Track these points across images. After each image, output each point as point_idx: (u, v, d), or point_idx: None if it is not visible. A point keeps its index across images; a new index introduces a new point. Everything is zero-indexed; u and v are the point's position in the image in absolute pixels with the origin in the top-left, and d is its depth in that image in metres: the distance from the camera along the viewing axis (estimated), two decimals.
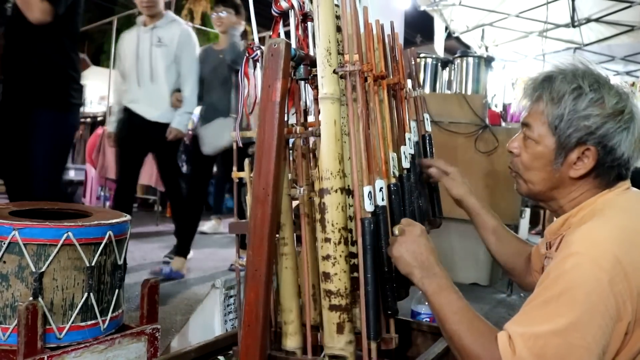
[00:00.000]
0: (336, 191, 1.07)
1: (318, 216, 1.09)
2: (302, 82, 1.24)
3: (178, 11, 12.76)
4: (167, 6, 6.76)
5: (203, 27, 12.47)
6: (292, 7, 1.20)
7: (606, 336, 0.86)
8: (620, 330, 0.88)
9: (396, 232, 1.07)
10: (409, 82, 1.55)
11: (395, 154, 1.31)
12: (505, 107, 4.78)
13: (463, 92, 3.90)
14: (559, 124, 1.00)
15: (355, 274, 1.14)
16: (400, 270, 1.05)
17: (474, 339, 0.92)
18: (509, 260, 1.37)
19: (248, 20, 1.35)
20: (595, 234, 0.92)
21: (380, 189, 1.15)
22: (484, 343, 0.91)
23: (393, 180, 1.28)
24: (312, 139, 1.23)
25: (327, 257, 1.07)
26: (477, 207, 1.41)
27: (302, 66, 1.15)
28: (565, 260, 0.90)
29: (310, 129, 1.18)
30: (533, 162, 1.06)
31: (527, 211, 5.67)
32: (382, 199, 1.16)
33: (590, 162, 1.00)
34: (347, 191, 1.16)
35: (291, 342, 1.20)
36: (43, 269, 1.31)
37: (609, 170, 1.01)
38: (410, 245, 1.04)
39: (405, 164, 1.36)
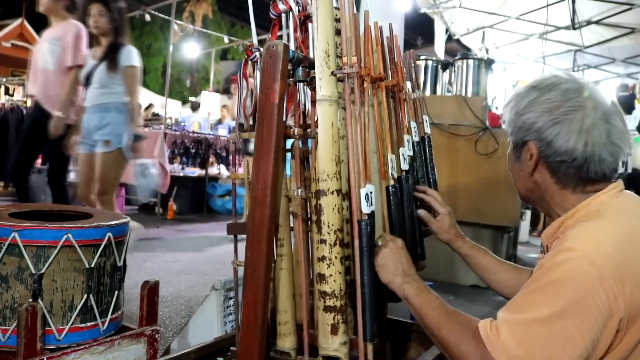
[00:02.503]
0: (332, 193, 1.07)
1: (314, 217, 1.09)
2: (301, 84, 1.25)
3: (179, 13, 12.82)
4: (168, 8, 6.81)
5: (204, 30, 12.52)
6: (290, 9, 1.20)
7: (595, 331, 0.88)
8: (612, 327, 0.89)
9: (380, 243, 1.14)
10: (408, 84, 1.55)
11: (394, 155, 1.31)
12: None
13: (463, 94, 3.91)
14: (508, 127, 1.10)
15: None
16: (382, 278, 1.12)
17: (453, 328, 0.99)
18: (510, 292, 1.34)
19: (248, 22, 1.36)
20: (590, 232, 0.94)
21: (370, 194, 1.14)
22: (463, 331, 0.97)
23: (392, 182, 1.28)
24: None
25: (322, 259, 1.07)
26: (466, 248, 1.40)
27: (300, 68, 1.15)
28: (558, 254, 0.92)
29: (308, 130, 1.18)
30: (508, 166, 1.15)
31: (528, 213, 5.69)
32: (371, 204, 1.16)
33: (534, 157, 1.05)
34: (344, 193, 1.16)
35: (286, 342, 1.21)
36: (42, 271, 1.31)
37: (559, 166, 1.02)
38: (394, 255, 1.13)
39: (404, 166, 1.37)
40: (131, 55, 3.20)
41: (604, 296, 0.87)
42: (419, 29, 8.58)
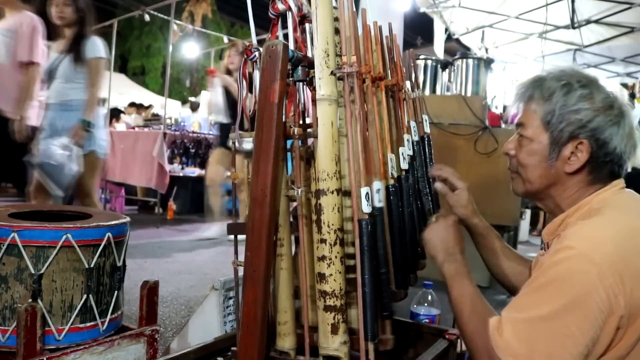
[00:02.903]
0: (332, 192, 1.07)
1: (314, 217, 1.09)
2: (300, 84, 1.24)
3: (179, 13, 12.81)
4: (168, 8, 6.82)
5: (204, 30, 12.52)
6: (290, 8, 1.20)
7: (595, 328, 0.88)
8: (612, 324, 0.90)
9: (433, 219, 1.22)
10: (408, 83, 1.55)
11: (393, 155, 1.31)
12: (505, 109, 4.79)
13: (463, 93, 3.91)
14: (550, 119, 1.03)
15: (352, 275, 1.14)
16: (428, 252, 1.19)
17: (472, 321, 1.02)
18: (510, 281, 1.33)
19: (247, 21, 1.35)
20: (590, 230, 0.95)
21: (378, 191, 1.15)
22: (479, 325, 0.99)
23: (391, 182, 1.28)
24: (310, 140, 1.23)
25: (322, 258, 1.07)
26: (481, 227, 1.36)
27: (299, 68, 1.15)
28: (558, 253, 0.93)
29: (308, 130, 1.18)
30: (529, 160, 1.08)
31: (528, 212, 5.68)
32: (379, 201, 1.16)
33: (584, 156, 1.01)
34: (344, 192, 1.16)
35: (285, 342, 1.20)
36: (42, 271, 1.31)
37: (602, 166, 1.02)
38: (441, 231, 1.18)
39: (404, 165, 1.37)
40: (97, 47, 2.95)
41: (604, 294, 0.87)
42: (419, 28, 8.57)
